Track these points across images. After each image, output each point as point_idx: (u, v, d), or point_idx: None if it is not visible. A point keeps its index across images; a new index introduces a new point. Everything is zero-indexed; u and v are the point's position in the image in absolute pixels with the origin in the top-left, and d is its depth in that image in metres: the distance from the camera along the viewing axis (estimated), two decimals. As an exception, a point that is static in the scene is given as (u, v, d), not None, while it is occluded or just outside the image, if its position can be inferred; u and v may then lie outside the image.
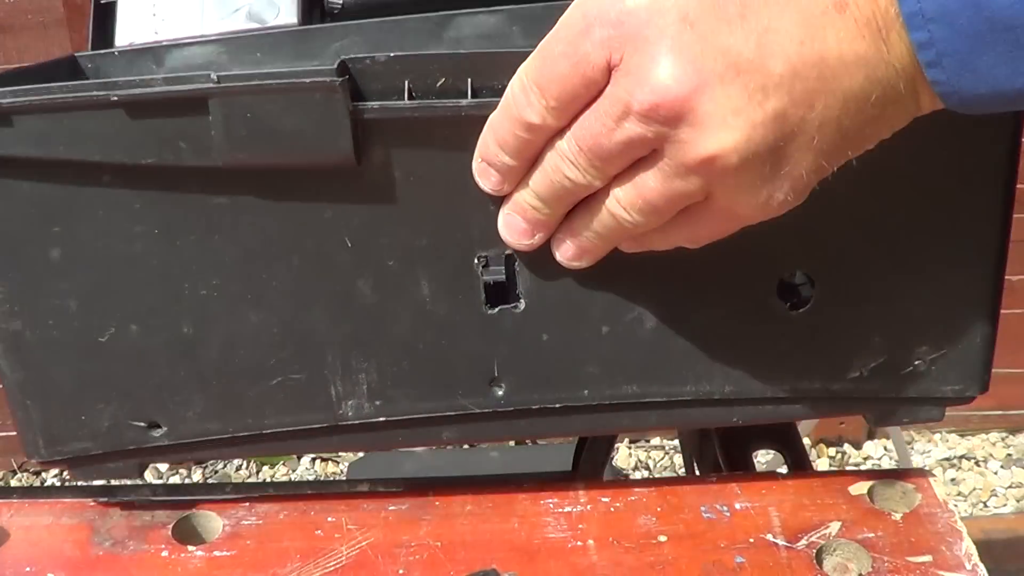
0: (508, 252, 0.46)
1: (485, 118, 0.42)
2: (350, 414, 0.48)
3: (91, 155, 0.43)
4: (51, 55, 1.78)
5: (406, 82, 0.43)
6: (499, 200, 0.44)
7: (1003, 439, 1.89)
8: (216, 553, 0.50)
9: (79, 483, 0.52)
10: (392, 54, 0.43)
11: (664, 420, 0.50)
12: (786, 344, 0.48)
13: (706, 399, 0.49)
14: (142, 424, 0.48)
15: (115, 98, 0.42)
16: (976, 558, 0.47)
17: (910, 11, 0.34)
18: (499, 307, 0.47)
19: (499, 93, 0.40)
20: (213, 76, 0.41)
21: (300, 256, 0.46)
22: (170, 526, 0.51)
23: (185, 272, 0.46)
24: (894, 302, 0.47)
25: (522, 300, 0.47)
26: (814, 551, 0.48)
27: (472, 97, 0.42)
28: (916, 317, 0.48)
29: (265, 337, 0.47)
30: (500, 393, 0.48)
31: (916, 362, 0.48)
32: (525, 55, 0.40)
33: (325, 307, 0.47)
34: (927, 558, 0.47)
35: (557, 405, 0.49)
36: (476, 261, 0.46)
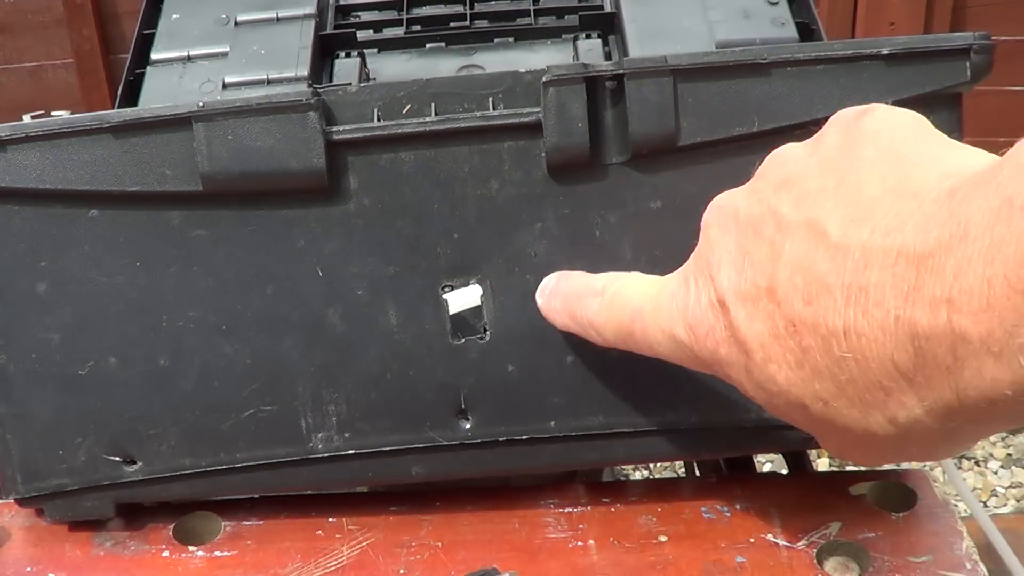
0: (473, 281, 0.47)
1: (449, 134, 0.46)
2: (320, 447, 0.49)
3: (81, 184, 0.46)
4: (51, 55, 1.79)
5: (375, 108, 0.46)
6: (465, 230, 0.47)
7: (1003, 439, 1.89)
8: (217, 553, 0.50)
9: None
10: (362, 84, 0.47)
11: (632, 453, 0.50)
12: None
13: (672, 430, 0.49)
14: (117, 459, 0.49)
15: (106, 125, 0.45)
16: (976, 558, 0.47)
17: None
18: (465, 338, 0.47)
19: (460, 117, 0.46)
20: (198, 103, 0.45)
21: (273, 286, 0.47)
22: (171, 526, 0.51)
23: (163, 304, 0.47)
24: None
25: (487, 331, 0.48)
26: (815, 551, 0.48)
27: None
28: None
29: (239, 368, 0.48)
30: (467, 425, 0.49)
31: None
32: (484, 79, 0.46)
33: (296, 337, 0.48)
34: (927, 558, 0.47)
35: (524, 437, 0.49)
36: (442, 290, 0.47)
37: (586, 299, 0.44)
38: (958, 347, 0.30)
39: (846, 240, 0.33)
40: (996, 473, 1.83)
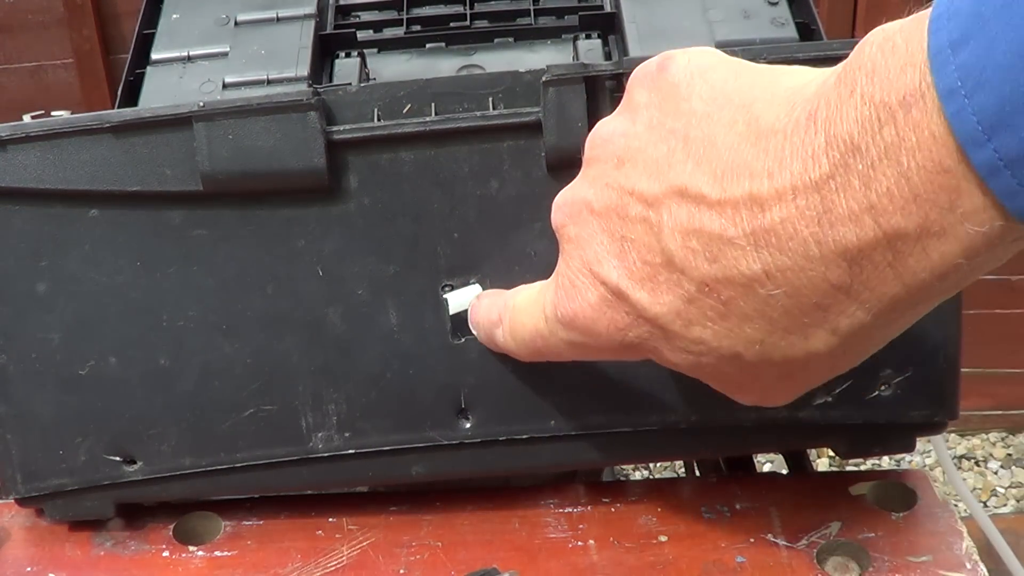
0: (473, 281, 0.47)
1: (449, 134, 0.45)
2: (320, 446, 0.49)
3: (81, 184, 0.46)
4: (51, 55, 1.79)
5: (375, 108, 0.46)
6: (465, 229, 0.47)
7: (1003, 439, 1.89)
8: (217, 553, 0.50)
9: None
10: (362, 84, 0.47)
11: (632, 452, 0.50)
12: None
13: (672, 429, 0.49)
14: (117, 459, 0.49)
15: (106, 124, 0.45)
16: (976, 558, 0.47)
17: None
18: (465, 337, 0.48)
19: (460, 117, 0.45)
20: (198, 103, 0.45)
21: (274, 286, 0.47)
22: (171, 526, 0.51)
23: (164, 304, 0.47)
24: None
25: None
26: (815, 551, 0.48)
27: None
28: None
29: (239, 368, 0.48)
30: (468, 425, 0.49)
31: (881, 387, 0.48)
32: (484, 79, 0.46)
33: (296, 337, 0.48)
34: (927, 558, 0.47)
35: (524, 437, 0.49)
36: (442, 290, 0.47)
37: (493, 331, 0.45)
38: (896, 244, 0.30)
39: (728, 194, 0.33)
40: (996, 473, 1.83)
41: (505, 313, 0.44)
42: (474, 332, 0.47)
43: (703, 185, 0.34)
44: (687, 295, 0.35)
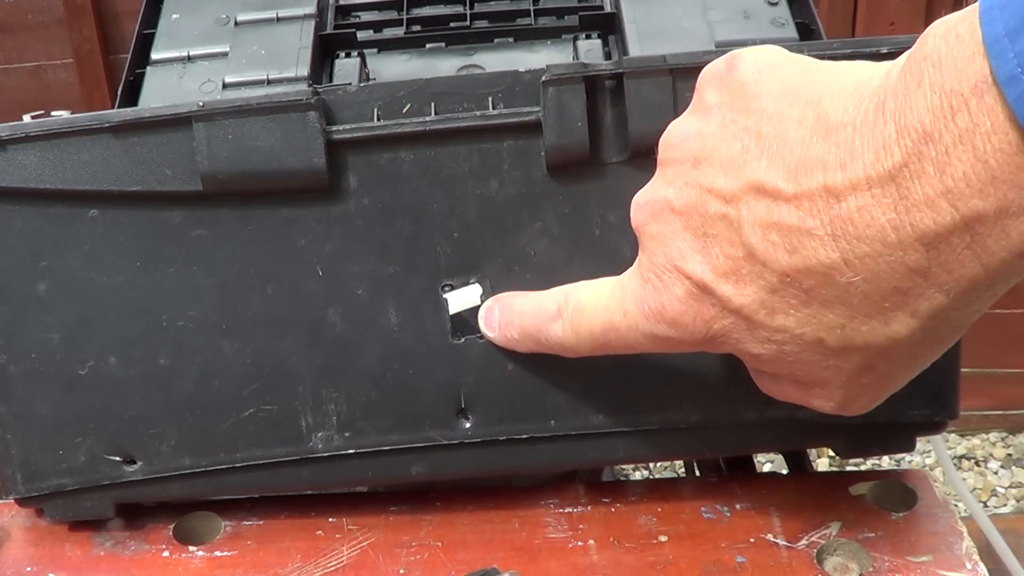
0: (473, 280, 0.47)
1: (449, 134, 0.45)
2: (320, 446, 0.49)
3: (81, 184, 0.45)
4: (51, 55, 1.79)
5: (375, 108, 0.46)
6: (465, 229, 0.47)
7: (1003, 439, 1.89)
8: (217, 553, 0.50)
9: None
10: (362, 84, 0.47)
11: (632, 452, 0.50)
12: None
13: (672, 429, 0.49)
14: (117, 459, 0.49)
15: (106, 124, 0.45)
16: (976, 558, 0.47)
17: None
18: (465, 337, 0.47)
19: (460, 116, 0.45)
20: (198, 103, 0.45)
21: (273, 286, 0.47)
22: (171, 526, 0.51)
23: (164, 304, 0.47)
24: None
25: None
26: (815, 551, 0.48)
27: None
28: None
29: (239, 368, 0.48)
30: (468, 425, 0.49)
31: None
32: (483, 79, 0.46)
33: (296, 337, 0.48)
34: (927, 558, 0.47)
35: (524, 437, 0.49)
36: (442, 290, 0.47)
37: (545, 325, 0.45)
38: (975, 226, 0.31)
39: (804, 187, 0.34)
40: (996, 473, 1.83)
41: (566, 307, 0.44)
42: (488, 332, 0.47)
43: (778, 180, 0.35)
44: (770, 286, 0.36)
